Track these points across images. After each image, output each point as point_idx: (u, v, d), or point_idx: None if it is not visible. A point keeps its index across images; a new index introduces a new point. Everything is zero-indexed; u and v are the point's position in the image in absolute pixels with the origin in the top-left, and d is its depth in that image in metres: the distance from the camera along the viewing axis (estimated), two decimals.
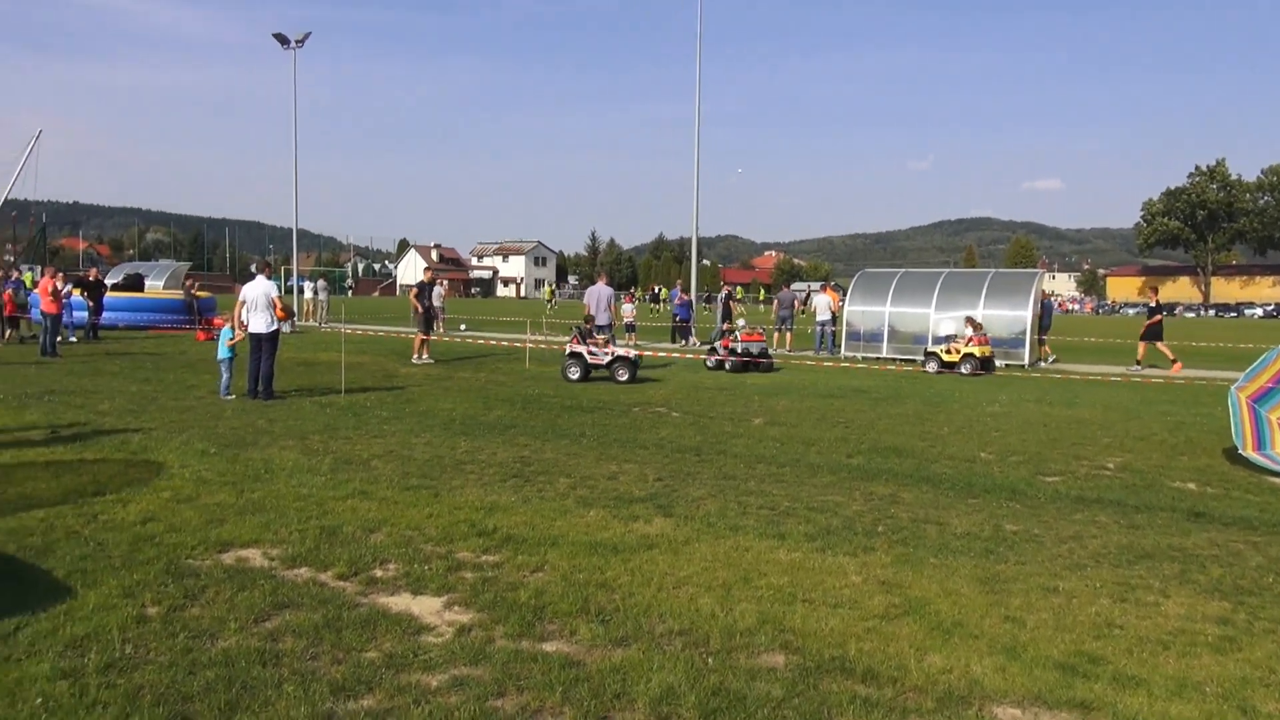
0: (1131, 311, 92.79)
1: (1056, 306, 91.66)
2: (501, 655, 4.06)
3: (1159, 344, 21.26)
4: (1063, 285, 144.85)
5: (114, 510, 6.26)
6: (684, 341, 27.22)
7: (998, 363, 20.93)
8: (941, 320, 22.28)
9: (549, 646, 4.20)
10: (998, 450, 9.98)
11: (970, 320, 20.31)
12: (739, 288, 33.24)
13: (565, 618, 4.54)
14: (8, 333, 21.72)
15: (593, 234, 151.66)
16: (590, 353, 16.17)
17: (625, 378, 15.80)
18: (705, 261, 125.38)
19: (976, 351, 19.42)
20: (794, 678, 3.92)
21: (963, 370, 19.24)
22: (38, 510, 6.18)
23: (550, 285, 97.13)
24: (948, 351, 19.77)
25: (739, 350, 18.69)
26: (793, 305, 26.85)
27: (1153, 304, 22.16)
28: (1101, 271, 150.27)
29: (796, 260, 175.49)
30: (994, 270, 25.68)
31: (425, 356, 18.74)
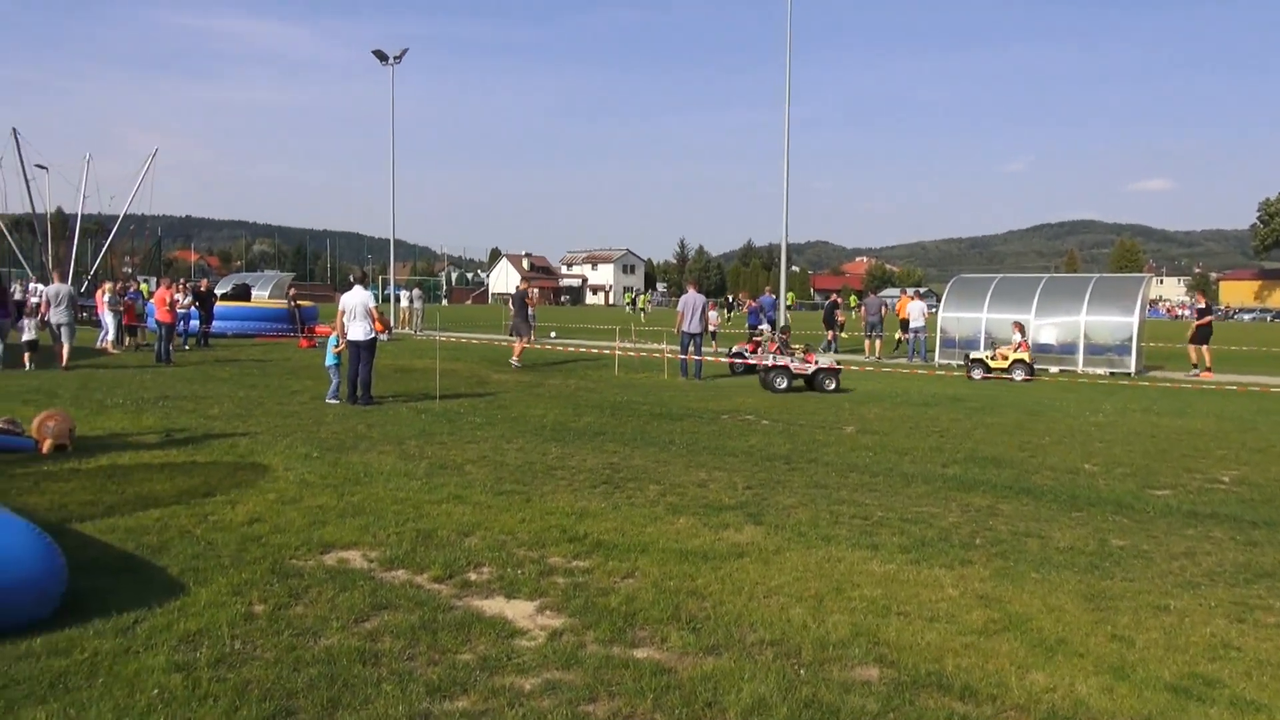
0: (1247, 317, 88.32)
1: (1164, 312, 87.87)
2: (593, 661, 4.09)
3: (1203, 347, 21.14)
4: (1171, 290, 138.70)
5: (223, 511, 6.53)
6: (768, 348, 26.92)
7: (1103, 370, 20.18)
8: (1042, 327, 21.61)
9: (640, 653, 4.21)
10: (1102, 462, 9.61)
11: (1018, 325, 19.99)
12: (850, 295, 32.75)
13: (656, 624, 4.55)
14: (125, 340, 22.91)
15: (681, 241, 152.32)
16: (795, 364, 16.33)
17: (832, 387, 16.10)
18: (794, 268, 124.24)
19: (1026, 357, 19.13)
20: (889, 692, 3.84)
21: (1015, 377, 18.83)
22: (154, 510, 6.49)
23: (636, 292, 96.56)
24: (993, 358, 19.48)
25: (770, 361, 18.42)
26: (880, 311, 26.36)
27: (1201, 305, 22.61)
28: (1214, 275, 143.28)
29: (888, 266, 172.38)
30: (1098, 275, 24.77)
31: (517, 361, 19.58)
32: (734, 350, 20.06)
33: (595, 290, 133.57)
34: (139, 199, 41.39)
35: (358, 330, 12.90)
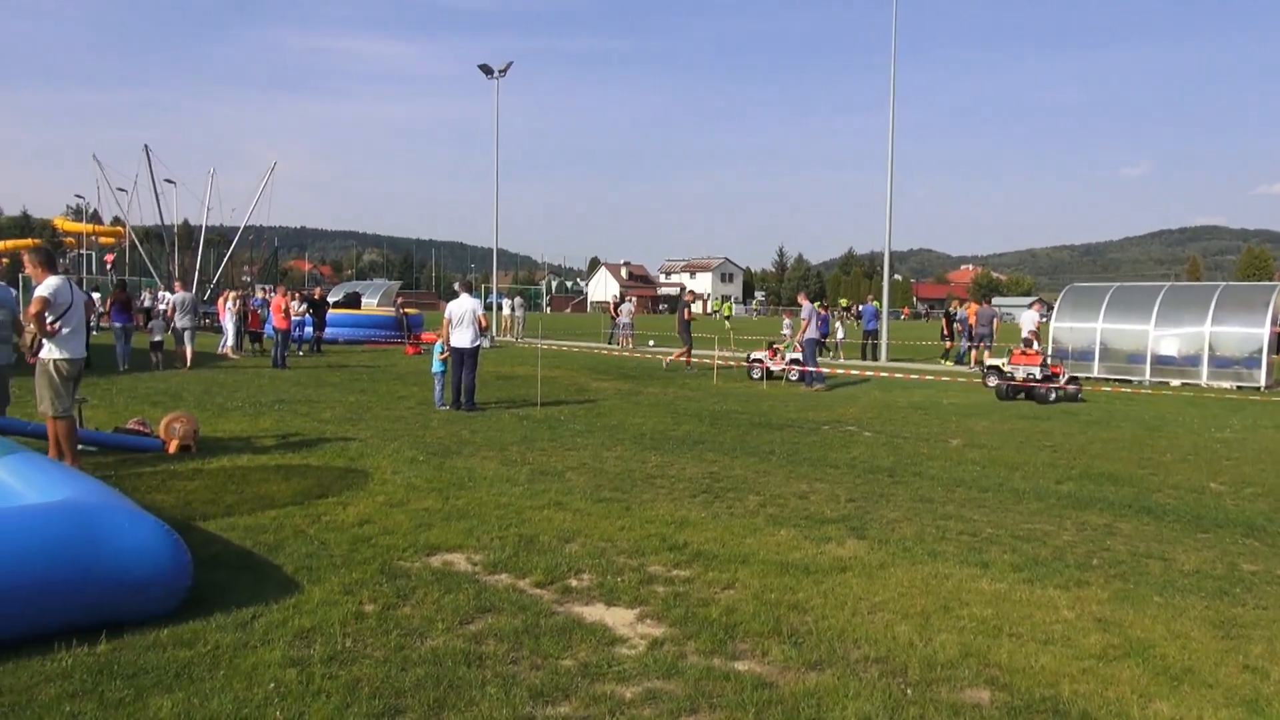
0: None
1: None
2: (694, 671, 4.06)
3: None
4: None
5: (335, 512, 6.75)
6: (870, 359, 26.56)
7: (1229, 384, 19.13)
8: (1162, 338, 20.63)
9: (741, 665, 4.17)
10: (1230, 481, 9.10)
11: (1034, 334, 19.52)
12: (959, 301, 31.74)
13: (757, 637, 4.49)
14: (244, 344, 24.00)
15: (780, 249, 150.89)
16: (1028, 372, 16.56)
17: (1054, 398, 16.12)
18: (897, 276, 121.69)
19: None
20: (1001, 716, 3.70)
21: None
22: (271, 509, 6.75)
23: (720, 299, 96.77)
24: (1008, 364, 18.42)
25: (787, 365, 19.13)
26: (992, 322, 25.60)
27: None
28: None
29: (995, 274, 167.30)
30: (1224, 283, 23.53)
31: (690, 365, 21.12)
32: (752, 356, 20.23)
33: (693, 298, 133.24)
34: (258, 211, 43.38)
35: (463, 337, 13.20)
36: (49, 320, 7.43)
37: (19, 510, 4.72)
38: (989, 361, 19.80)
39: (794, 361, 19.30)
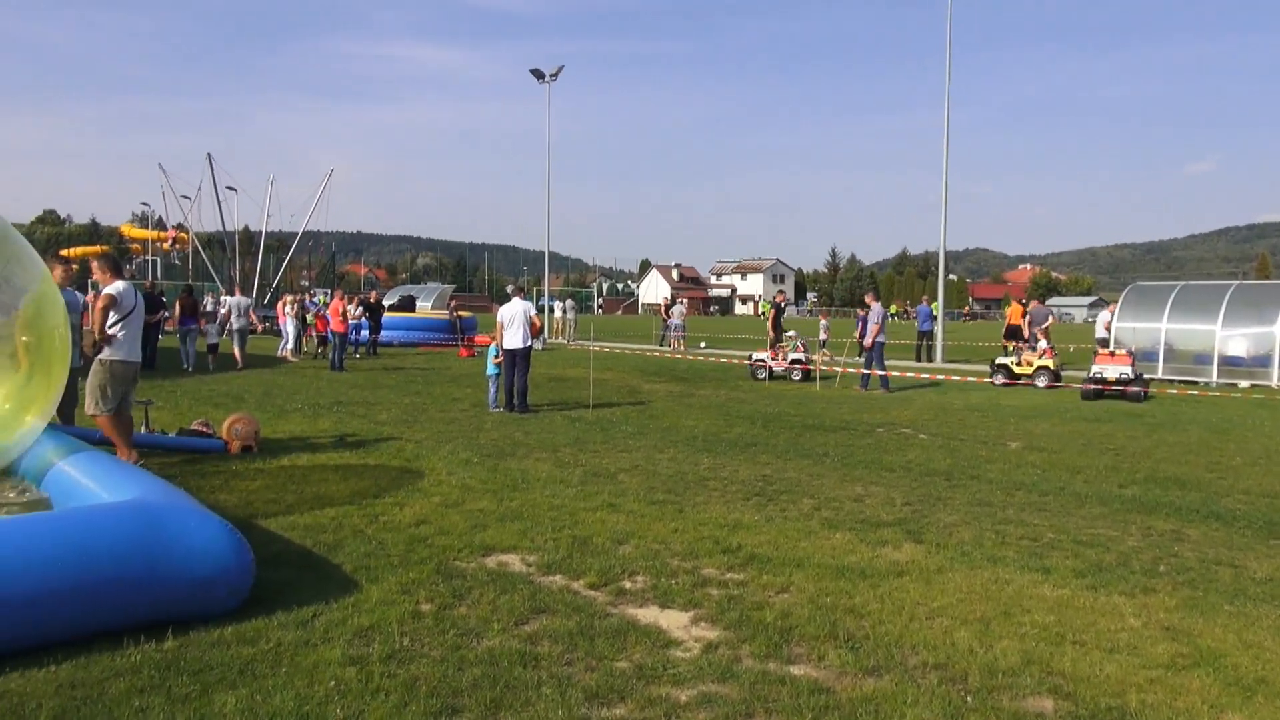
0: None
1: None
2: (749, 675, 4.04)
3: None
4: None
5: (392, 512, 6.84)
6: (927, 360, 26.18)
7: None
8: (1230, 338, 20.03)
9: (797, 670, 4.13)
10: None
11: (1044, 332, 19.96)
12: (1036, 302, 31.12)
13: (813, 641, 4.45)
14: (303, 347, 24.50)
15: (833, 250, 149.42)
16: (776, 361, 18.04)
17: (798, 378, 18.00)
18: (952, 276, 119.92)
19: (1051, 364, 18.68)
20: None
21: (1039, 384, 18.41)
22: (329, 509, 6.87)
23: (764, 300, 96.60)
24: (1018, 364, 19.14)
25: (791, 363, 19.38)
26: (1046, 322, 25.09)
27: None
28: None
29: (1054, 274, 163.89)
30: None
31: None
32: (755, 357, 20.23)
33: (744, 300, 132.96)
34: (316, 216, 44.23)
35: (514, 339, 13.29)
36: (110, 322, 7.70)
37: (90, 509, 4.87)
38: (998, 360, 19.95)
39: (795, 361, 19.51)
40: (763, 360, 19.78)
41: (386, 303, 32.08)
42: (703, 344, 32.62)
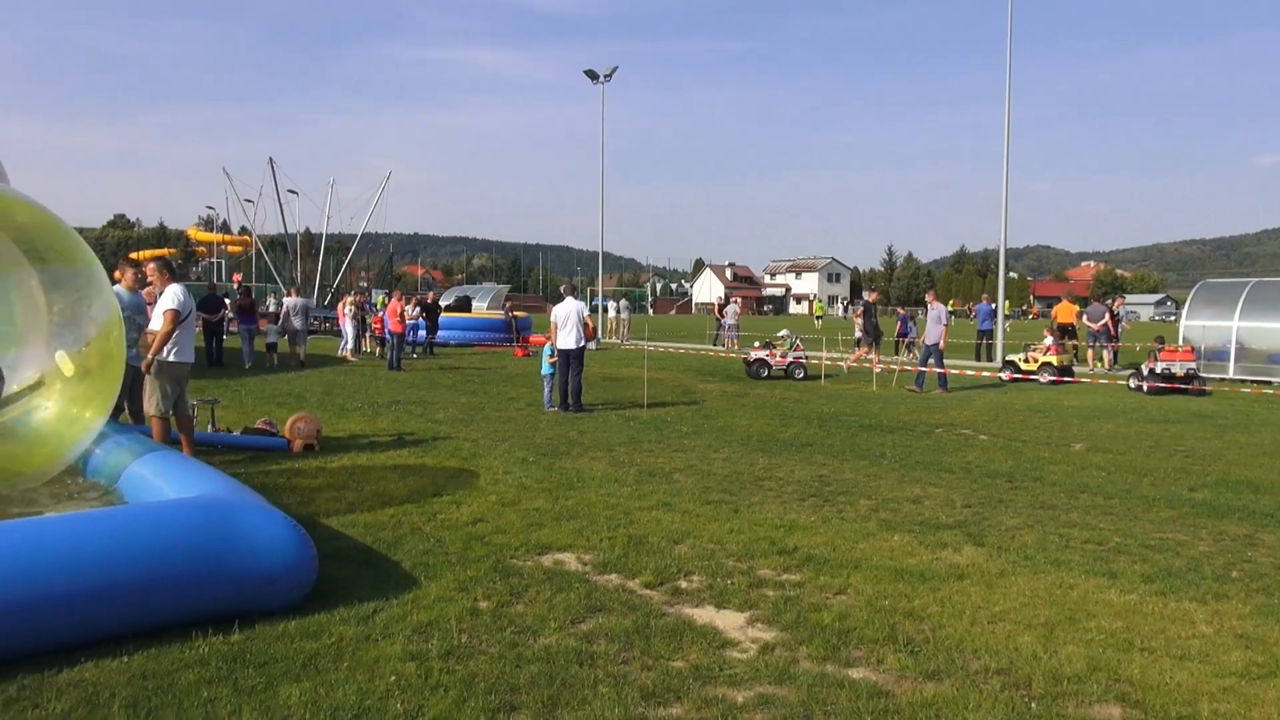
0: None
1: None
2: (806, 677, 4.00)
3: None
4: None
5: (450, 510, 6.92)
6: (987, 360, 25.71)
7: None
8: None
9: (855, 673, 4.09)
10: None
11: (1050, 330, 20.50)
12: (1119, 297, 30.32)
13: (871, 644, 4.40)
14: (370, 349, 24.96)
15: (889, 248, 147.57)
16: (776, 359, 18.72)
17: (800, 376, 18.80)
18: (1012, 274, 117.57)
19: (1055, 361, 19.09)
20: None
21: (1041, 380, 18.79)
22: (389, 507, 6.97)
23: (816, 299, 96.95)
24: (1025, 360, 19.60)
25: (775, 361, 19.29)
26: (1104, 320, 24.47)
27: None
28: None
29: (1119, 271, 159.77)
30: None
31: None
32: (754, 356, 19.99)
33: (799, 300, 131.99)
34: (374, 218, 44.93)
35: (568, 339, 13.36)
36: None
37: (161, 505, 5.01)
38: (1007, 356, 20.41)
39: (796, 360, 19.49)
40: (762, 359, 19.63)
41: (443, 303, 32.46)
42: (756, 344, 32.41)
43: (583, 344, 13.45)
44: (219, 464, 7.90)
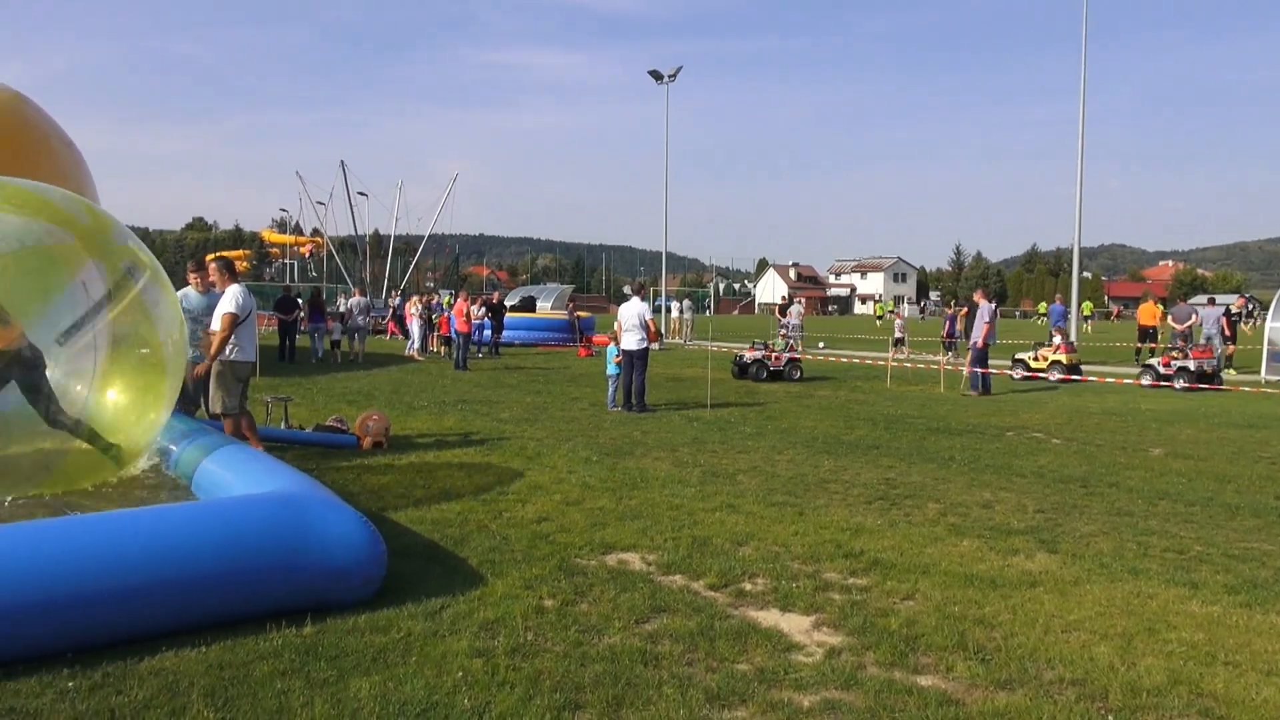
0: None
1: None
2: (873, 684, 3.95)
3: None
4: None
5: (515, 509, 6.99)
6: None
7: None
8: None
9: (924, 680, 4.01)
10: None
11: (1059, 329, 20.70)
12: (1241, 298, 29.42)
13: (940, 651, 4.32)
14: (441, 349, 25.40)
15: (957, 247, 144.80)
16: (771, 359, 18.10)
17: (796, 376, 18.39)
18: (1086, 274, 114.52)
19: (1064, 359, 19.27)
20: None
21: (1051, 378, 18.97)
22: (455, 504, 7.06)
23: (880, 301, 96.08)
24: (1034, 358, 19.81)
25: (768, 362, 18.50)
26: (1189, 321, 23.67)
27: None
28: None
29: (1199, 270, 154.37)
30: None
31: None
32: (750, 358, 18.98)
33: (864, 300, 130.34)
34: (441, 220, 45.67)
35: (631, 340, 13.39)
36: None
37: (237, 500, 5.15)
38: (1017, 355, 20.26)
39: (792, 360, 19.03)
40: (759, 359, 18.61)
41: (508, 303, 32.80)
42: (821, 344, 32.12)
43: (646, 344, 13.46)
44: (291, 460, 8.09)
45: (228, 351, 8.22)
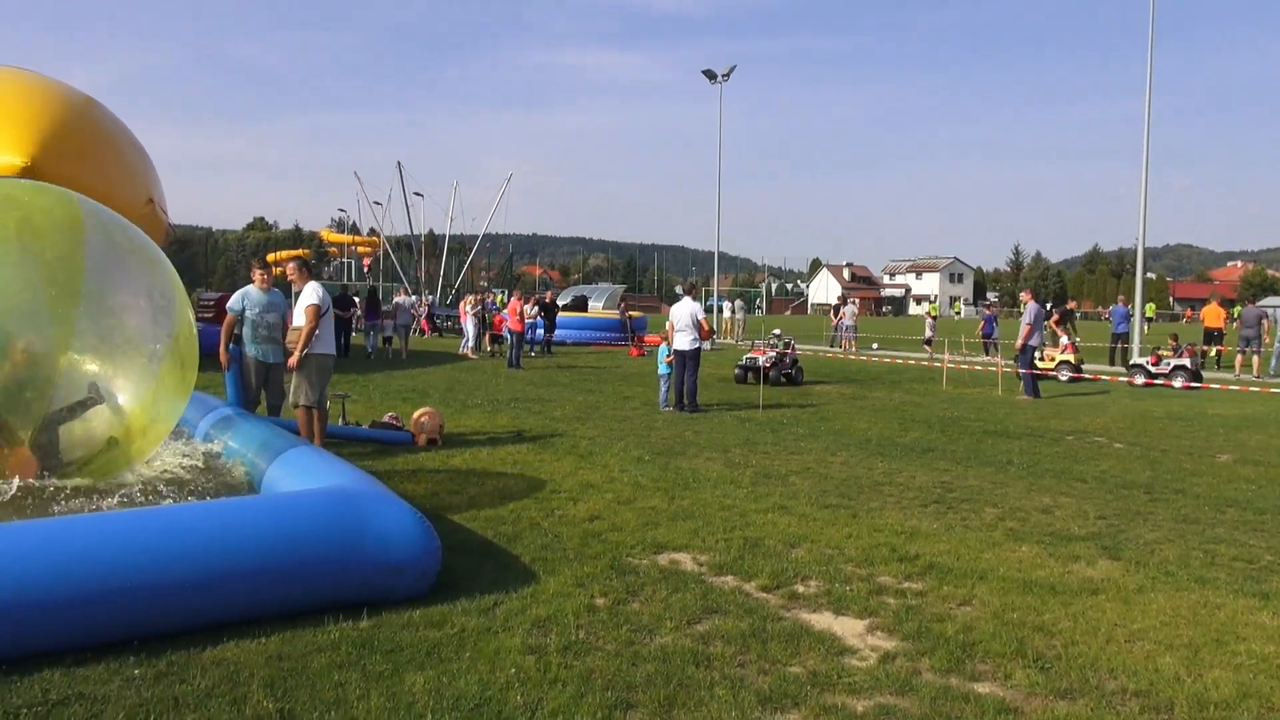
0: None
1: None
2: (929, 690, 3.89)
3: None
4: None
5: (567, 507, 7.02)
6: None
7: None
8: None
9: (981, 687, 3.94)
10: None
11: (1064, 329, 20.68)
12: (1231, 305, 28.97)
13: (998, 659, 4.24)
14: (490, 348, 25.70)
15: (1015, 247, 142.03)
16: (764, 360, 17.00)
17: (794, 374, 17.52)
18: (1150, 274, 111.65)
19: (1071, 358, 19.42)
20: None
21: (1060, 378, 18.99)
22: (508, 502, 7.12)
23: (934, 301, 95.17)
24: (1040, 358, 19.31)
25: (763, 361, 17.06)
26: (1259, 324, 22.99)
27: None
28: None
29: (1270, 271, 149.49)
30: None
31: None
32: (761, 361, 17.25)
33: (919, 301, 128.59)
34: (495, 220, 46.06)
35: (683, 340, 13.36)
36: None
37: (296, 494, 5.25)
38: (1062, 358, 19.89)
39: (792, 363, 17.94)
40: (757, 364, 17.01)
41: (561, 302, 32.97)
42: (875, 345, 31.77)
43: (698, 344, 13.43)
44: (347, 456, 8.22)
45: (312, 347, 8.45)
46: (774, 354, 17.52)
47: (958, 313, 67.39)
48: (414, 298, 30.31)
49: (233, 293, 9.92)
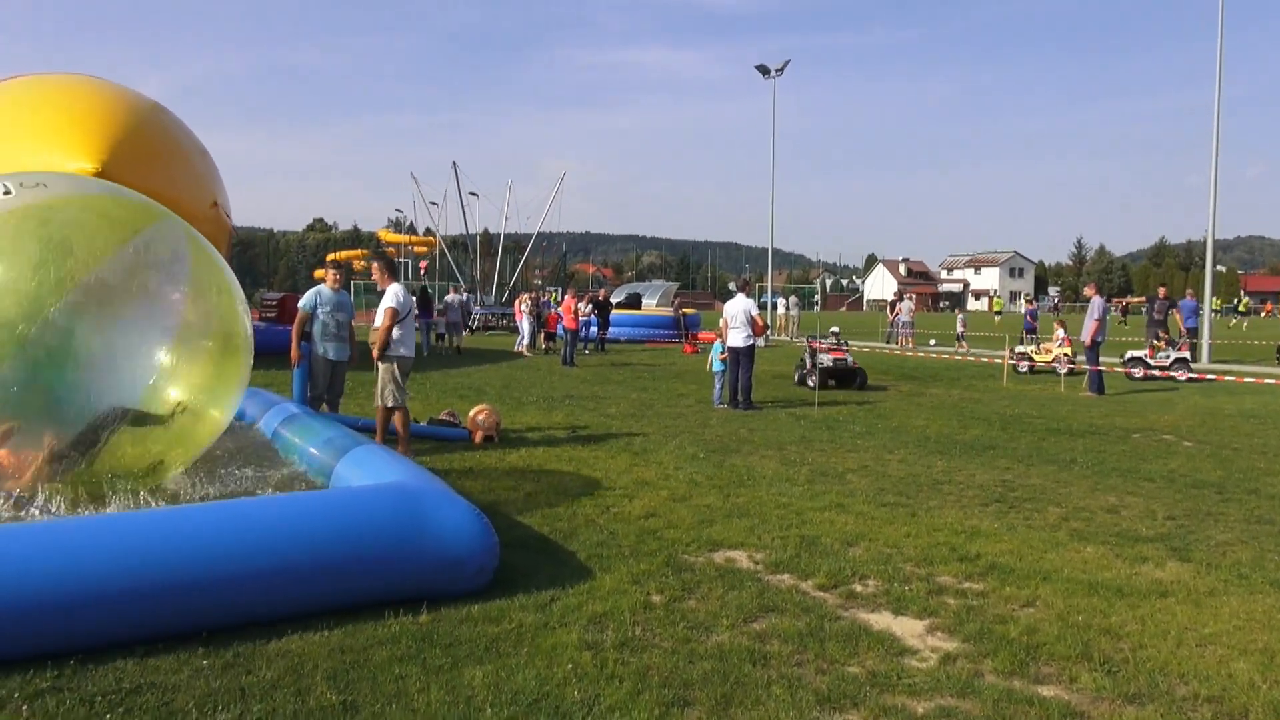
0: None
1: None
2: (991, 692, 3.82)
3: None
4: None
5: (623, 504, 7.03)
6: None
7: None
8: None
9: (1045, 691, 3.86)
10: None
11: (1061, 322, 20.70)
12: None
13: (1063, 661, 4.15)
14: (545, 345, 25.94)
15: (1078, 240, 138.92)
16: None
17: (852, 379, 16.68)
18: (1220, 268, 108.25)
19: (1069, 351, 18.96)
20: None
21: (1060, 371, 18.34)
22: (564, 499, 7.16)
23: (995, 295, 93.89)
24: (1037, 351, 20.11)
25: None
26: None
27: None
28: None
29: None
30: None
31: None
32: (830, 362, 16.41)
33: (978, 296, 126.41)
34: (549, 218, 46.34)
35: (737, 337, 13.30)
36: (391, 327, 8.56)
37: (358, 490, 5.35)
38: (1017, 349, 20.32)
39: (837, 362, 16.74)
40: (844, 361, 16.24)
41: (614, 300, 33.05)
42: (932, 341, 31.30)
43: (752, 342, 13.36)
44: (405, 452, 8.33)
45: (391, 348, 8.61)
46: (839, 356, 16.33)
47: (998, 311, 66.18)
48: (464, 295, 30.97)
49: (293, 293, 10.18)
